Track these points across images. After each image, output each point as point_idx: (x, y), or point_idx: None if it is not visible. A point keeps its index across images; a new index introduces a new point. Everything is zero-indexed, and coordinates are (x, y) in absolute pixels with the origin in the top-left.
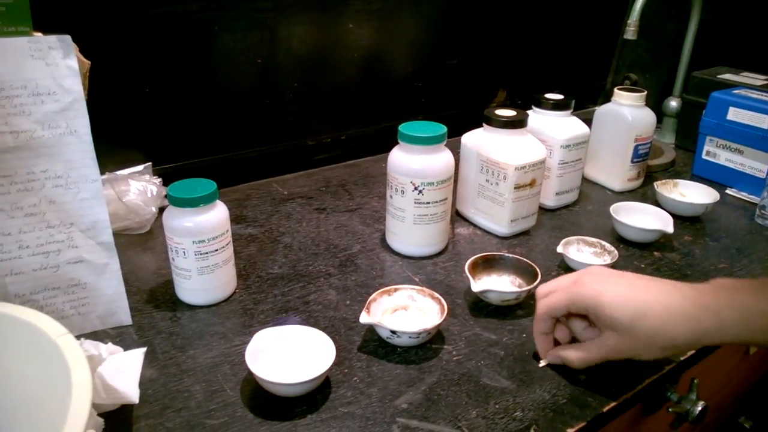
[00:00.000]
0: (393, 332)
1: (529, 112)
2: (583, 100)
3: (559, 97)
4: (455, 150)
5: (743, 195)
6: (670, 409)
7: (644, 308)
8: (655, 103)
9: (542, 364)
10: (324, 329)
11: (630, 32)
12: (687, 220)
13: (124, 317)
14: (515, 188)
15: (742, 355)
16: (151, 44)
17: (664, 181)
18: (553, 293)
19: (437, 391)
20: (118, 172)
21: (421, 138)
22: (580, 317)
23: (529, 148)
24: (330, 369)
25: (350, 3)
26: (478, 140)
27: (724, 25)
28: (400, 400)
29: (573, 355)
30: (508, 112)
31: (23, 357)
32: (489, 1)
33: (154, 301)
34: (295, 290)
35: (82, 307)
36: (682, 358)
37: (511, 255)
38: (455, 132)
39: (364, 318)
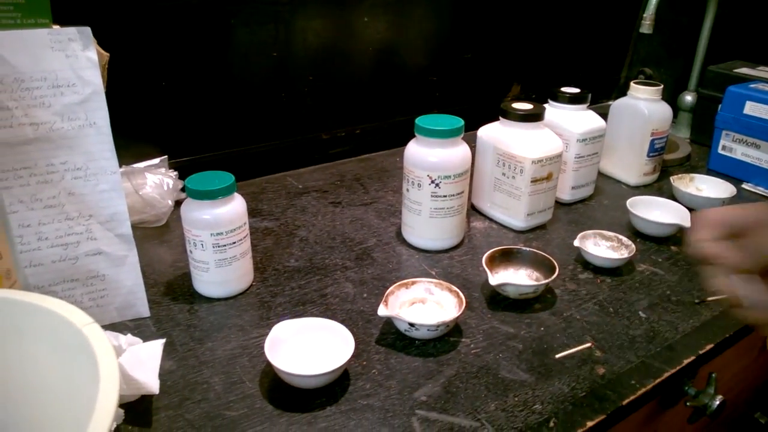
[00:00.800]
0: (411, 325)
1: (545, 105)
2: (597, 94)
3: (576, 90)
4: (470, 144)
5: (760, 189)
6: (687, 404)
7: None
8: (670, 97)
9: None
10: (341, 322)
11: (645, 26)
12: None
13: (143, 309)
14: (532, 182)
15: (759, 350)
16: (167, 37)
17: (680, 175)
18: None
19: (456, 383)
20: (135, 165)
21: (439, 131)
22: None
23: (546, 141)
24: (349, 361)
25: None
26: (494, 133)
27: (740, 18)
28: (419, 392)
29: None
30: (525, 106)
31: (47, 347)
32: None
33: (172, 294)
34: (312, 283)
35: (101, 299)
36: (700, 352)
37: (528, 248)
38: (469, 126)
39: (382, 311)
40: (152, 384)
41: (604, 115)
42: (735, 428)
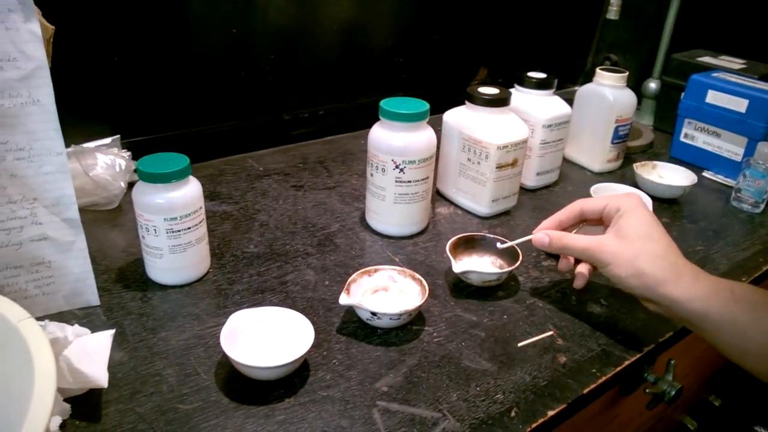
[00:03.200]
0: (374, 314)
1: (511, 90)
2: (563, 79)
3: (542, 75)
4: (436, 127)
5: (720, 178)
6: (647, 390)
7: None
8: (635, 84)
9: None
10: (302, 310)
11: (612, 12)
12: (665, 202)
13: (92, 297)
14: (497, 168)
15: None
16: (120, 10)
17: (642, 162)
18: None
19: (418, 373)
20: (85, 145)
21: (404, 115)
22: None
23: (512, 127)
24: (308, 351)
25: None
26: (460, 118)
27: (704, 7)
28: (380, 382)
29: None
30: (491, 90)
31: None
32: None
33: (124, 281)
34: (271, 270)
35: (47, 287)
36: (660, 339)
37: (492, 235)
38: (435, 110)
39: (344, 299)
40: (100, 377)
41: (570, 101)
42: (691, 410)
